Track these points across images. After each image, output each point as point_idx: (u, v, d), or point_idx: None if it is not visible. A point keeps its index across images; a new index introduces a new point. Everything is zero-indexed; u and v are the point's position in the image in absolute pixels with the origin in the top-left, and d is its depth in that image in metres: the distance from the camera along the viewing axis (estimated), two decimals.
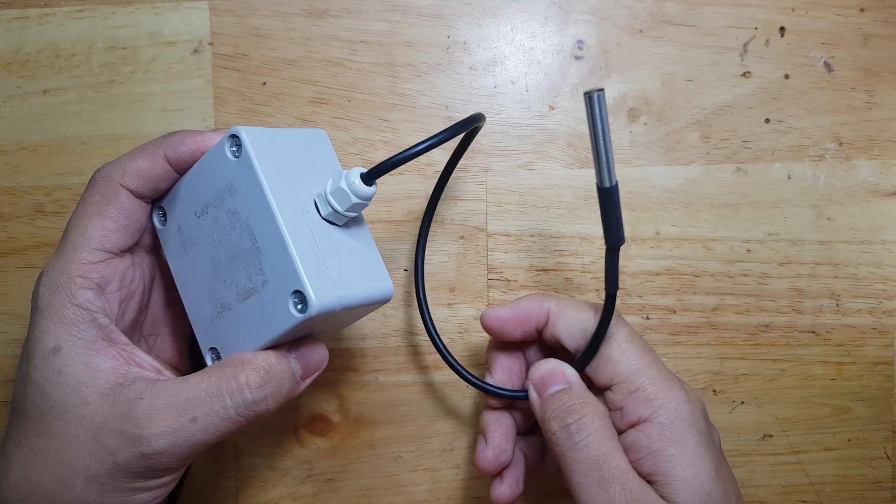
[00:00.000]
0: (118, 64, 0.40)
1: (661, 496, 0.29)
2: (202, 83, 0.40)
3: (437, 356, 0.40)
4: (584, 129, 0.40)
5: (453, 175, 0.40)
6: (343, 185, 0.29)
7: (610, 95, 0.40)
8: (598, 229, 0.40)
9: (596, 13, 0.40)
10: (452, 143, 0.34)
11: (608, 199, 0.29)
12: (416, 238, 0.40)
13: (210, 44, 0.40)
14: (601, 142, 0.28)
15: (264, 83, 0.40)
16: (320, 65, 0.40)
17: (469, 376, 0.35)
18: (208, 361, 0.31)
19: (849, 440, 0.40)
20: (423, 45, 0.40)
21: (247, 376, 0.28)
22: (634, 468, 0.30)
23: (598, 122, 0.28)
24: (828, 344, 0.40)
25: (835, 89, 0.40)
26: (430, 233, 0.40)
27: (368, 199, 0.30)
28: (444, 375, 0.40)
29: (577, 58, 0.40)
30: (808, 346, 0.40)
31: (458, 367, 0.36)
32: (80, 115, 0.40)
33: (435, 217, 0.40)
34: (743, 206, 0.40)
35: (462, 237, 0.40)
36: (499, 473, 0.35)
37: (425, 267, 0.40)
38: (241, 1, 0.40)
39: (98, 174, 0.30)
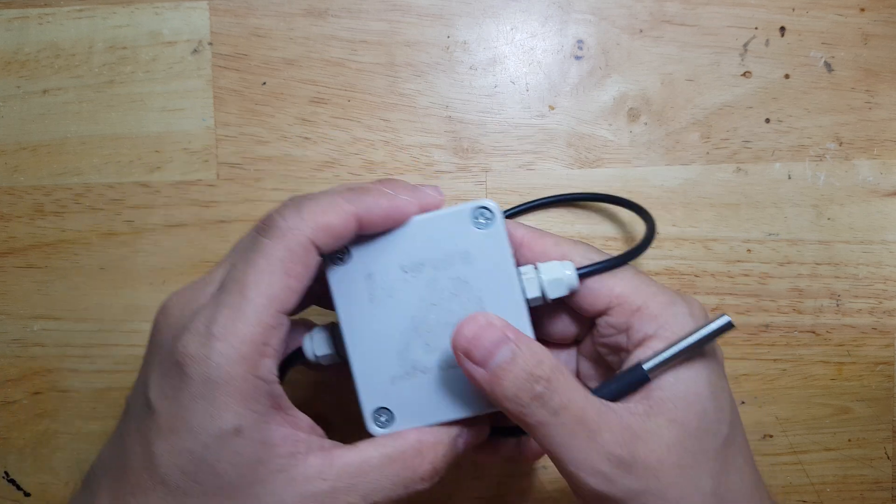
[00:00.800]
0: (118, 64, 0.40)
1: (655, 415, 0.28)
2: (202, 83, 0.40)
3: None
4: (585, 128, 0.40)
5: (453, 174, 0.40)
6: (562, 276, 0.29)
7: (610, 95, 0.40)
8: (597, 228, 0.40)
9: (596, 13, 0.40)
10: None
11: None
12: None
13: (210, 44, 0.40)
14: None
15: (264, 83, 0.40)
16: (320, 64, 0.40)
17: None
18: (372, 422, 0.29)
19: (849, 440, 0.40)
20: (423, 44, 0.40)
21: (425, 470, 0.27)
22: None
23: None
24: (828, 344, 0.40)
25: (835, 89, 0.40)
26: None
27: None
28: None
29: (577, 57, 0.40)
30: (808, 346, 0.40)
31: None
32: (80, 115, 0.40)
33: None
34: (743, 205, 0.40)
35: None
36: None
37: None
38: (241, 1, 0.40)
39: (284, 223, 0.27)
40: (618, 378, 0.29)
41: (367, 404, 0.29)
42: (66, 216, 0.40)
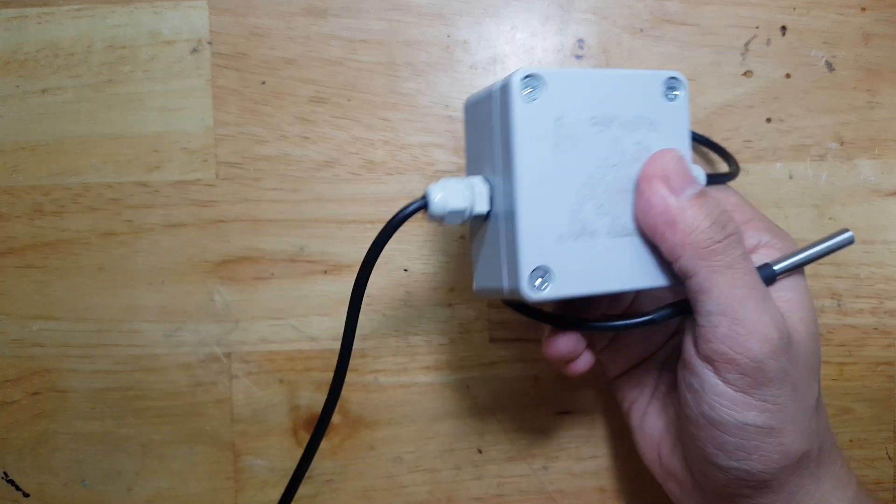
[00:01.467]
0: (117, 63, 0.40)
1: (785, 313, 0.28)
2: (201, 82, 0.40)
3: (437, 356, 0.40)
4: None
5: (454, 174, 0.40)
6: (699, 175, 0.29)
7: None
8: None
9: (597, 12, 0.40)
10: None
11: None
12: (416, 238, 0.40)
13: (209, 43, 0.40)
14: None
15: (263, 82, 0.40)
16: (320, 64, 0.40)
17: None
18: (528, 283, 0.26)
19: (850, 441, 0.40)
20: (423, 44, 0.40)
21: None
22: None
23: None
24: (829, 344, 0.40)
25: (836, 89, 0.40)
26: (430, 233, 0.40)
27: None
28: (444, 375, 0.40)
29: (577, 57, 0.40)
30: None
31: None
32: (79, 115, 0.40)
33: None
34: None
35: (462, 237, 0.40)
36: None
37: (425, 267, 0.40)
38: (240, 0, 0.40)
39: None
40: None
41: (528, 261, 0.26)
42: (65, 216, 0.40)
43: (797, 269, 0.29)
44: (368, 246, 0.38)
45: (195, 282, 0.40)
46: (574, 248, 0.27)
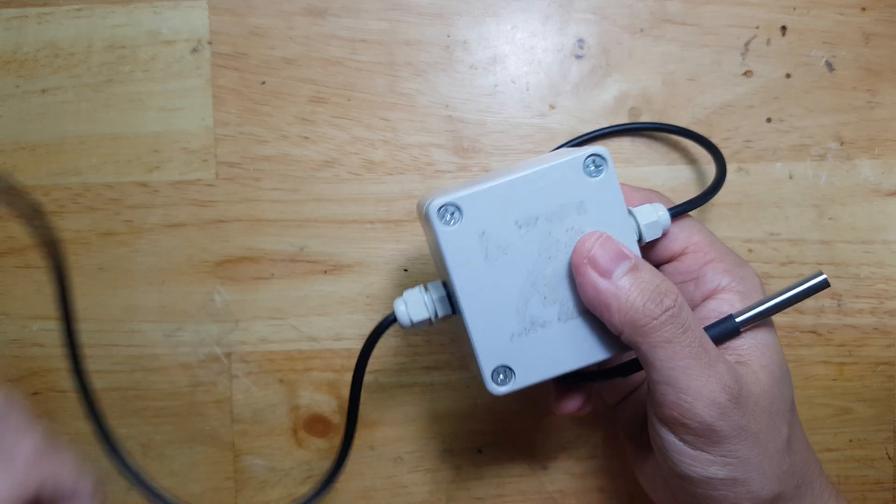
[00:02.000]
0: (117, 63, 0.40)
1: (745, 363, 0.29)
2: (201, 82, 0.40)
3: (438, 356, 0.40)
4: (585, 128, 0.40)
5: (453, 174, 0.40)
6: (657, 218, 0.30)
7: (611, 94, 0.40)
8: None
9: (597, 12, 0.40)
10: None
11: None
12: (416, 238, 0.40)
13: (209, 43, 0.40)
14: None
15: (263, 82, 0.40)
16: (320, 64, 0.40)
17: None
18: (492, 381, 0.29)
19: (850, 441, 0.40)
20: (422, 43, 0.40)
21: None
22: None
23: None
24: (829, 344, 0.40)
25: (836, 89, 0.40)
26: None
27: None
28: (444, 375, 0.40)
29: (577, 57, 0.40)
30: (809, 346, 0.40)
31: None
32: (79, 115, 0.40)
33: None
34: (744, 205, 0.40)
35: None
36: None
37: (425, 267, 0.40)
38: (240, 0, 0.40)
39: None
40: (708, 327, 0.29)
41: (487, 364, 0.29)
42: (64, 216, 0.40)
43: (765, 315, 0.29)
44: (368, 246, 0.38)
45: (195, 282, 0.40)
46: (529, 342, 0.29)
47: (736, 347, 0.29)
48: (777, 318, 0.40)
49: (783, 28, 0.40)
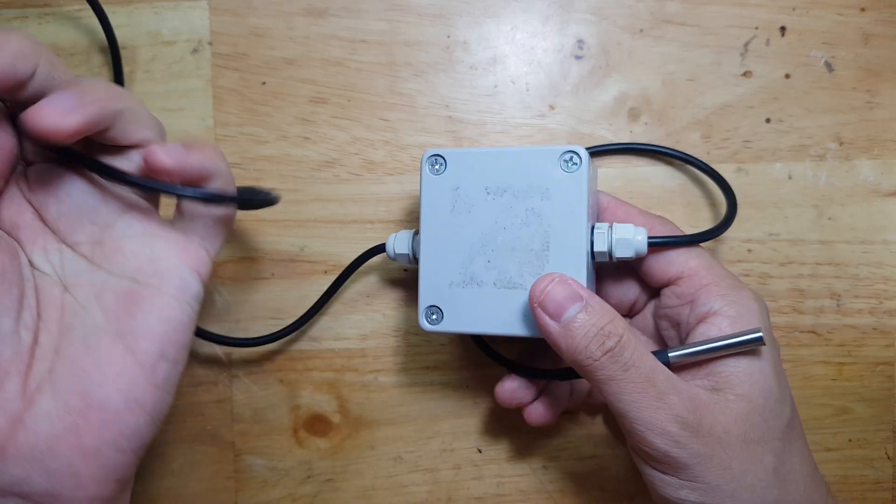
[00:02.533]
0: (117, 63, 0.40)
1: (721, 390, 0.29)
2: (201, 83, 0.40)
3: (438, 356, 0.40)
4: (585, 128, 0.40)
5: None
6: (632, 239, 0.32)
7: (611, 95, 0.40)
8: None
9: (597, 12, 0.40)
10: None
11: None
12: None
13: (209, 43, 0.40)
14: None
15: (264, 83, 0.40)
16: (320, 64, 0.40)
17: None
18: (424, 317, 0.32)
19: (849, 440, 0.40)
20: (423, 44, 0.40)
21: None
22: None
23: None
24: (829, 344, 0.40)
25: (836, 89, 0.40)
26: None
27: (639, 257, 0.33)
28: (444, 375, 0.40)
29: (577, 57, 0.40)
30: (808, 346, 0.40)
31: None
32: None
33: None
34: (743, 205, 0.40)
35: None
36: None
37: None
38: (240, 0, 0.40)
39: None
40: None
41: (424, 300, 0.33)
42: None
43: (697, 356, 0.30)
44: (368, 246, 0.38)
45: None
46: (463, 294, 0.32)
47: (716, 374, 0.30)
48: (776, 319, 0.40)
49: (782, 28, 0.40)
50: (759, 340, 0.29)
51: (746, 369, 0.30)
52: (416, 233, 0.34)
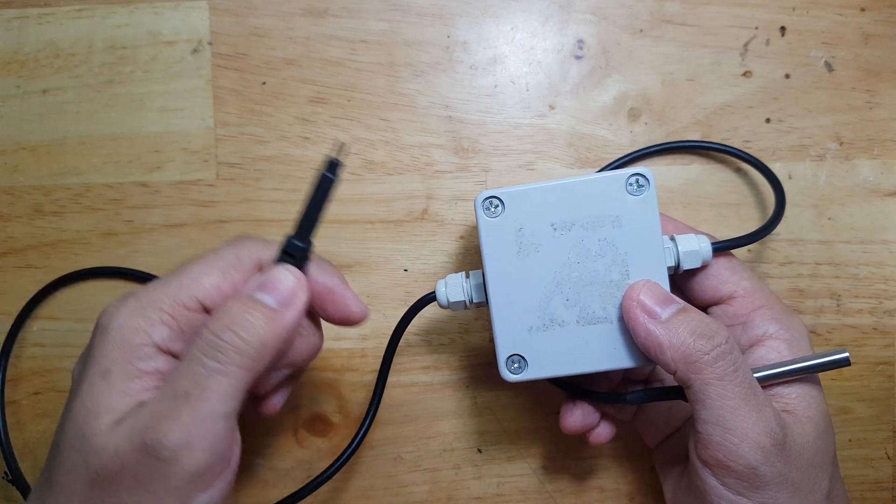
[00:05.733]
0: (117, 64, 0.40)
1: (791, 412, 0.29)
2: (202, 83, 0.40)
3: (438, 356, 0.40)
4: (585, 128, 0.40)
5: (453, 174, 0.40)
6: (698, 248, 0.31)
7: (611, 95, 0.40)
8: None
9: (596, 13, 0.40)
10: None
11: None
12: (416, 238, 0.40)
13: (210, 43, 0.40)
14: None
15: (264, 83, 0.40)
16: (320, 64, 0.40)
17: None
18: (506, 368, 0.31)
19: (849, 440, 0.40)
20: (423, 44, 0.40)
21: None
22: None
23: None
24: (828, 344, 0.40)
25: (835, 89, 0.40)
26: (430, 233, 0.40)
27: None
28: (444, 375, 0.40)
29: (577, 57, 0.40)
30: None
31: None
32: (80, 115, 0.40)
33: (435, 217, 0.40)
34: (743, 205, 0.40)
35: (462, 237, 0.40)
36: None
37: (425, 267, 0.40)
38: (240, 0, 0.40)
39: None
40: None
41: (503, 350, 0.31)
42: (65, 216, 0.40)
43: (788, 376, 0.30)
44: (368, 246, 0.38)
45: None
46: (545, 338, 0.31)
47: (783, 396, 0.29)
48: None
49: (782, 28, 0.40)
50: (847, 361, 0.29)
51: (810, 393, 0.29)
52: (468, 275, 0.33)
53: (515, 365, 0.31)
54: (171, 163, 0.40)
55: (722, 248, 0.32)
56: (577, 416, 0.34)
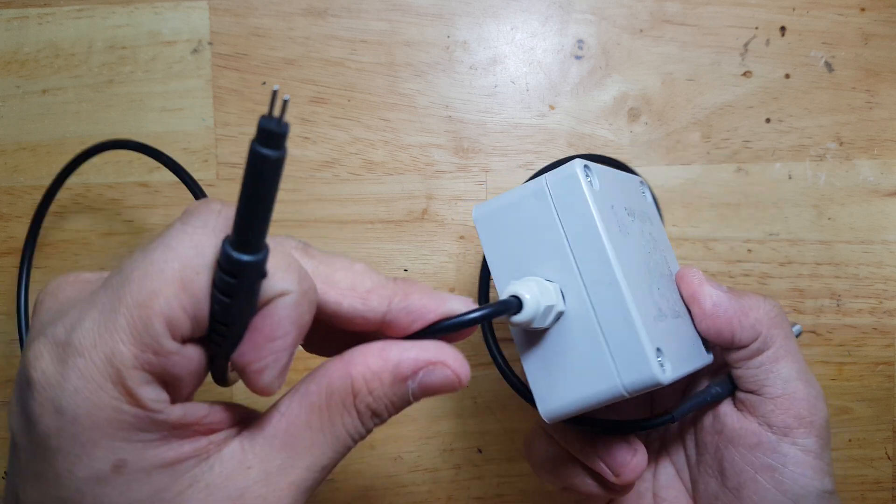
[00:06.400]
0: (117, 63, 0.40)
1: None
2: (202, 83, 0.40)
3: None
4: (585, 128, 0.40)
5: (453, 174, 0.40)
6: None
7: (611, 95, 0.40)
8: None
9: (596, 13, 0.40)
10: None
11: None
12: (416, 238, 0.40)
13: (210, 43, 0.40)
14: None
15: (264, 83, 0.40)
16: (320, 64, 0.40)
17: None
18: (657, 365, 0.24)
19: (849, 440, 0.40)
20: (423, 44, 0.40)
21: (364, 414, 0.22)
22: None
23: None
24: (829, 344, 0.40)
25: (835, 89, 0.40)
26: (430, 233, 0.40)
27: None
28: None
29: (577, 57, 0.40)
30: (808, 346, 0.40)
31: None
32: (80, 115, 0.40)
33: (435, 217, 0.40)
34: (743, 205, 0.40)
35: (462, 237, 0.40)
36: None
37: (425, 267, 0.40)
38: (240, 0, 0.40)
39: (207, 212, 0.21)
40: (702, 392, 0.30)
41: (649, 343, 0.24)
42: (65, 216, 0.40)
43: None
44: (368, 246, 0.38)
45: None
46: (663, 329, 0.25)
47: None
48: None
49: (782, 28, 0.40)
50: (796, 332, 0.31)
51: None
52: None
53: (660, 359, 0.24)
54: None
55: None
56: (641, 458, 0.28)
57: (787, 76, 0.40)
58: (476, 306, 0.21)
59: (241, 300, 0.19)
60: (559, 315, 0.25)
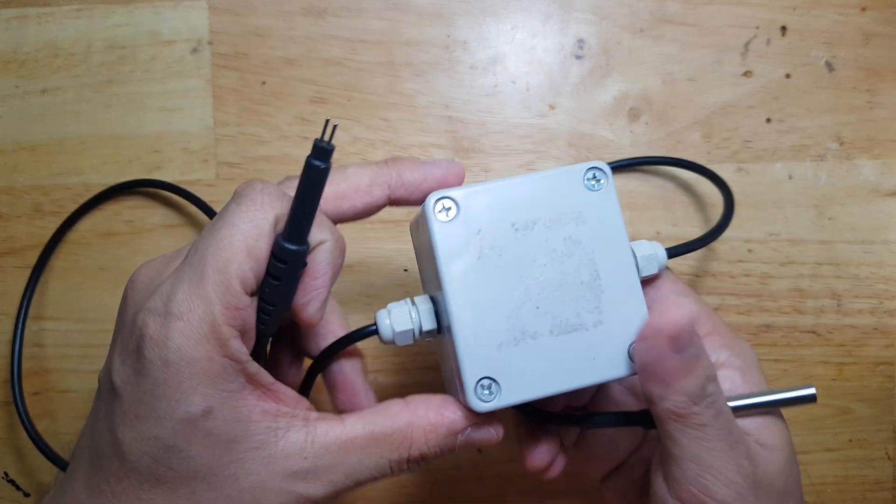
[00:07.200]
0: (117, 63, 0.40)
1: (761, 441, 0.28)
2: (201, 82, 0.40)
3: (437, 356, 0.40)
4: (585, 128, 0.40)
5: None
6: (655, 252, 0.29)
7: (611, 95, 0.40)
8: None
9: (597, 12, 0.40)
10: None
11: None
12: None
13: (209, 43, 0.40)
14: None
15: (264, 82, 0.40)
16: (320, 64, 0.40)
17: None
18: (474, 395, 0.26)
19: (850, 440, 0.40)
20: (422, 44, 0.40)
21: (412, 456, 0.26)
22: None
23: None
24: (829, 344, 0.40)
25: (836, 89, 0.40)
26: None
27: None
28: None
29: (577, 57, 0.40)
30: (809, 346, 0.40)
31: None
32: (79, 115, 0.40)
33: None
34: (744, 205, 0.40)
35: None
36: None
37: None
38: (240, 0, 0.40)
39: (257, 192, 0.26)
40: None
41: (471, 373, 0.26)
42: (65, 216, 0.40)
43: (754, 409, 0.28)
44: (368, 246, 0.38)
45: None
46: (517, 354, 0.27)
47: (748, 426, 0.28)
48: (777, 319, 0.40)
49: (783, 28, 0.40)
50: (813, 398, 0.28)
51: (778, 423, 0.29)
52: (413, 301, 0.29)
53: (486, 391, 0.26)
54: (170, 163, 0.40)
55: (676, 253, 0.30)
56: (543, 452, 0.31)
57: (788, 76, 0.40)
58: (458, 166, 0.29)
59: (287, 283, 0.25)
60: (439, 330, 0.29)
